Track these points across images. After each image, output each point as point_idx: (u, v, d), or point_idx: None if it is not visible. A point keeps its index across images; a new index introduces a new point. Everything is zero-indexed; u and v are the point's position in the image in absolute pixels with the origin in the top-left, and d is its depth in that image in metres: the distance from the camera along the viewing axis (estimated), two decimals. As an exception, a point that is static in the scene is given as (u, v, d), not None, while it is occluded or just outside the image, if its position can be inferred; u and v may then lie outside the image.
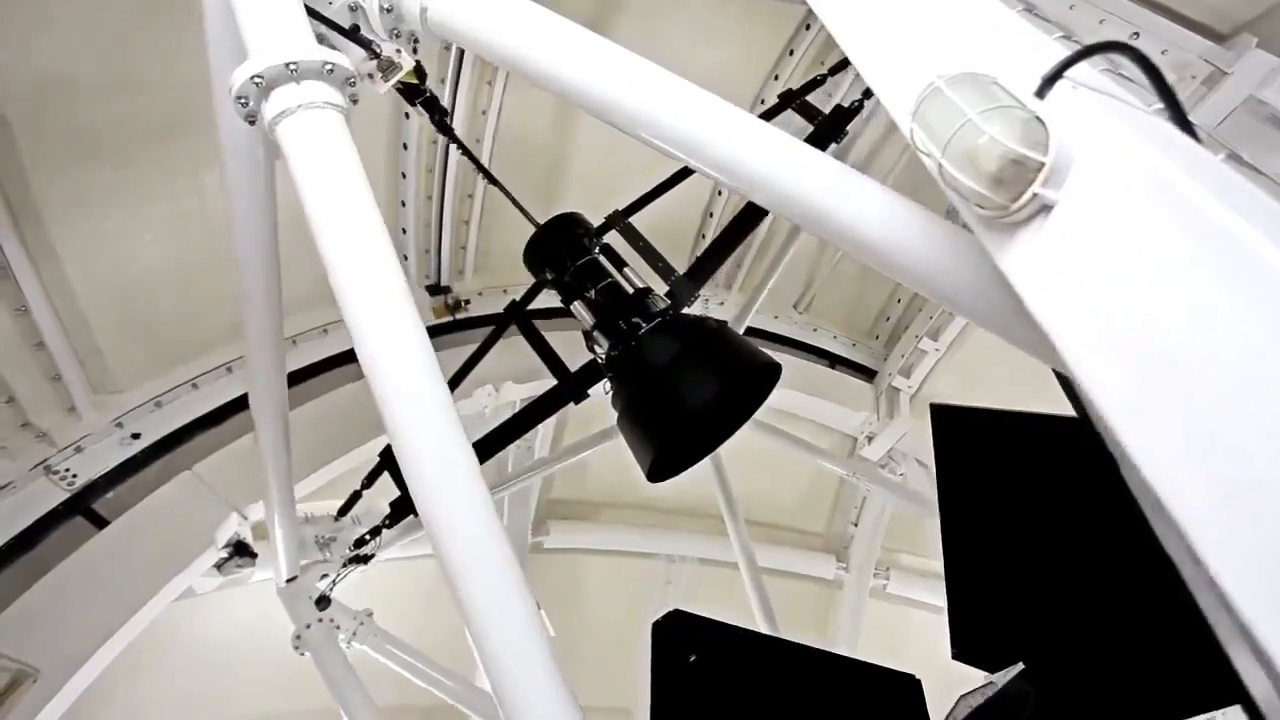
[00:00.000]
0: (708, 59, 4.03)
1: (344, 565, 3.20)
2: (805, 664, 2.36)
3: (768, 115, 3.09)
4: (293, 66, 1.43)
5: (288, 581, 3.05)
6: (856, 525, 5.46)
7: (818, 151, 1.25)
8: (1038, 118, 0.84)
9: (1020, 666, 1.83)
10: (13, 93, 2.63)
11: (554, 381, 2.76)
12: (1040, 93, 0.88)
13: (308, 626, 3.07)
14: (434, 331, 4.26)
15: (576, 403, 2.78)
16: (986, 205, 0.87)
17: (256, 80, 1.42)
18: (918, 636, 5.09)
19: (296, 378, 3.61)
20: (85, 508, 3.13)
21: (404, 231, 4.12)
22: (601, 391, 2.52)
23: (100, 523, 3.13)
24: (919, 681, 2.29)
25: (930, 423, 2.06)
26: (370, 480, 3.00)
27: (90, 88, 2.74)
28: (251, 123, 1.48)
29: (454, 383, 2.93)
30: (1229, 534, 0.60)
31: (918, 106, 0.95)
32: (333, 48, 1.67)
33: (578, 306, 2.35)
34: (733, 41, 4.09)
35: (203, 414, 3.46)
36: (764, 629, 4.13)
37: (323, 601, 3.10)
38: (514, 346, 2.90)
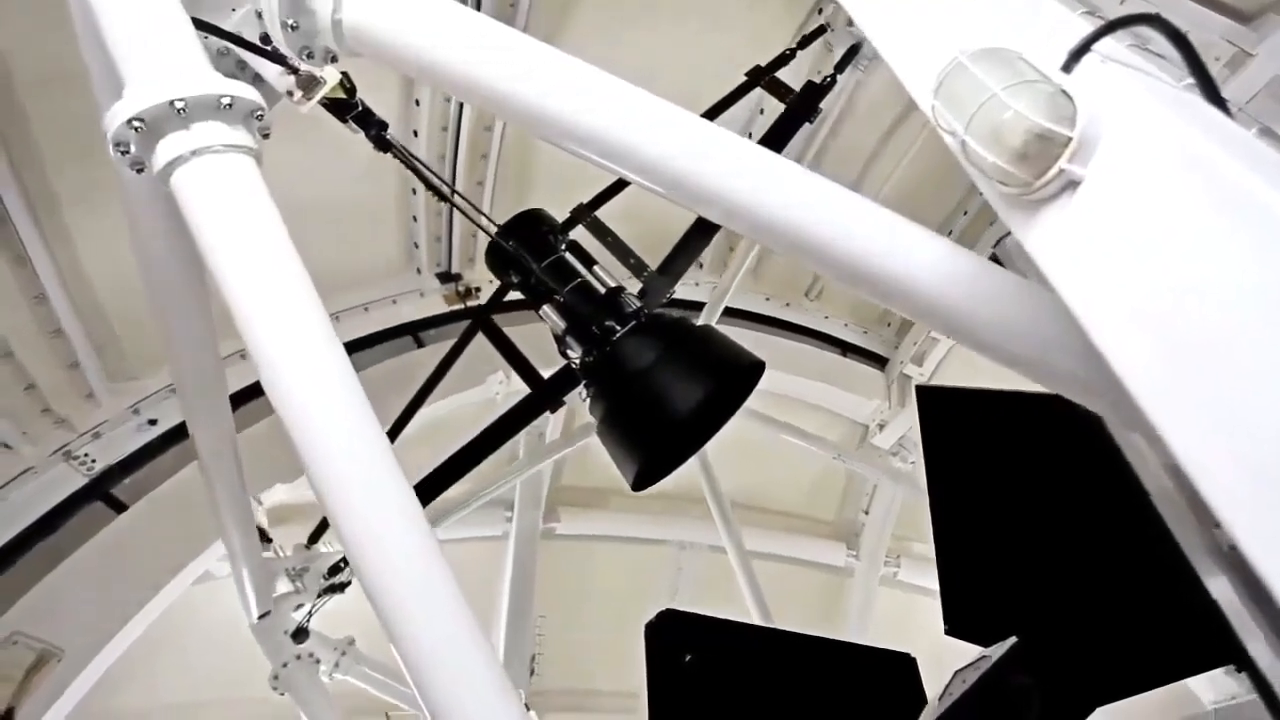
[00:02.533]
0: (716, 44, 3.99)
1: (319, 595, 3.02)
2: (800, 651, 2.39)
3: (735, 95, 2.97)
4: (179, 105, 1.14)
5: (260, 618, 2.84)
6: (867, 513, 5.46)
7: (800, 168, 1.16)
8: (1064, 92, 0.83)
9: (1013, 640, 1.85)
10: (29, 85, 2.64)
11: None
12: (1067, 67, 0.86)
13: (285, 665, 2.89)
14: (445, 319, 4.27)
15: (552, 411, 2.67)
16: (1010, 182, 0.86)
17: (135, 125, 1.15)
18: (928, 624, 5.09)
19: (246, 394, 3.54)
20: (104, 492, 3.18)
21: (414, 219, 4.12)
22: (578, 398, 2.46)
23: (119, 507, 3.18)
24: (913, 660, 2.32)
25: (916, 405, 2.08)
26: None
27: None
28: (140, 171, 1.21)
29: (425, 391, 2.85)
30: (1259, 513, 0.59)
31: (940, 83, 0.94)
32: (239, 66, 1.46)
33: (547, 310, 2.24)
34: (743, 26, 4.04)
35: (218, 400, 3.50)
36: (758, 619, 4.14)
37: (300, 634, 2.92)
38: (522, 331, 2.87)
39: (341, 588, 3.10)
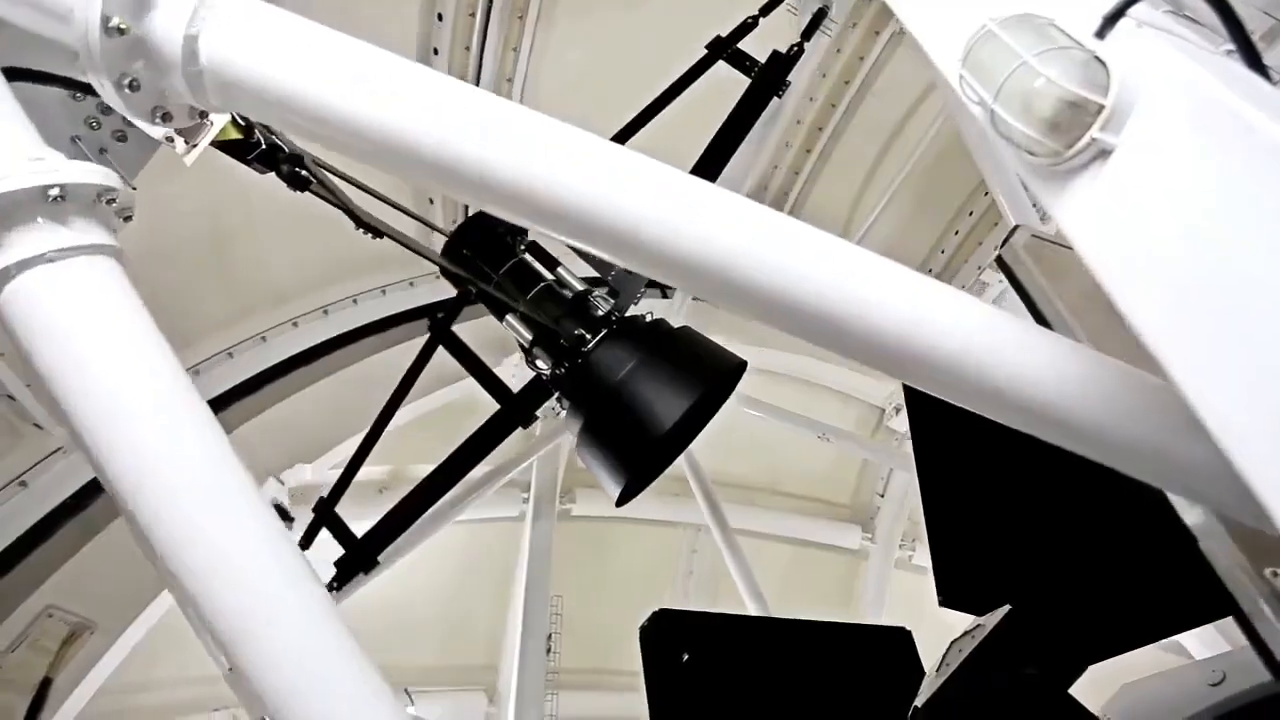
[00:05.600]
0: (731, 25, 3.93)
1: None
2: (797, 637, 2.41)
3: (696, 70, 2.81)
4: None
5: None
6: (883, 496, 5.45)
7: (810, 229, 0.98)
8: (1097, 58, 0.81)
9: (1007, 608, 1.85)
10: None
11: None
12: (1101, 33, 0.83)
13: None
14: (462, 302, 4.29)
15: (525, 426, 2.53)
16: (1040, 152, 0.84)
17: None
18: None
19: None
20: (131, 472, 3.25)
21: (431, 201, 4.13)
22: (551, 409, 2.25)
23: (146, 486, 3.24)
24: (909, 633, 2.33)
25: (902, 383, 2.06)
26: (306, 541, 2.70)
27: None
28: None
29: (397, 398, 2.68)
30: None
31: (968, 52, 0.92)
32: (102, 111, 1.18)
33: (511, 321, 2.11)
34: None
35: (239, 382, 3.55)
36: (753, 607, 4.17)
37: None
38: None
39: None
